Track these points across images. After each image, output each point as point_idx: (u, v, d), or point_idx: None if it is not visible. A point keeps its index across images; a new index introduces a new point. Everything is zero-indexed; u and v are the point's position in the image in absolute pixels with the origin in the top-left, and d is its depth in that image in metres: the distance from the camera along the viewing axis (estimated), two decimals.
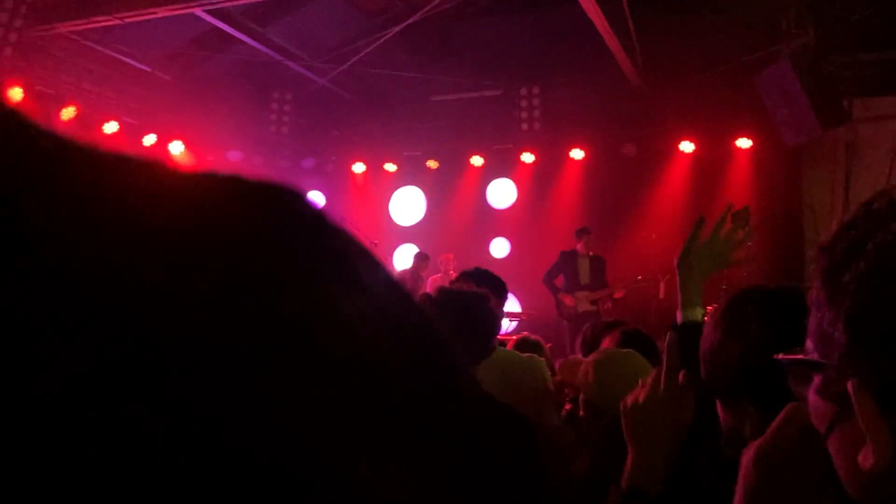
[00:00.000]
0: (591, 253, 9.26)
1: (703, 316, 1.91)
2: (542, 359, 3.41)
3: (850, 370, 0.65)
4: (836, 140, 9.10)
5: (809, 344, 0.72)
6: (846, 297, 0.65)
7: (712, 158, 10.08)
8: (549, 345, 6.13)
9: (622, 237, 10.18)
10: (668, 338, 1.67)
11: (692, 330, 1.75)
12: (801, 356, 0.75)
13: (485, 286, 2.82)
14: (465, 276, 3.63)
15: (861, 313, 0.64)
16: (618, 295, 9.06)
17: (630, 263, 9.53)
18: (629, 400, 1.63)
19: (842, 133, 8.84)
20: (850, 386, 0.65)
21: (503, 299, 3.58)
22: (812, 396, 0.73)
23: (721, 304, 1.51)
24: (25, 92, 8.78)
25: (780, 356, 0.77)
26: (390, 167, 12.13)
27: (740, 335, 1.38)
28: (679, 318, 1.96)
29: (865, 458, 0.65)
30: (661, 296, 8.97)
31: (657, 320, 8.63)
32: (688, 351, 1.72)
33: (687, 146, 10.16)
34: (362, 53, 10.37)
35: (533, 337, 4.48)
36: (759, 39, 8.84)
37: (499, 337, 5.91)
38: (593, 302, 9.01)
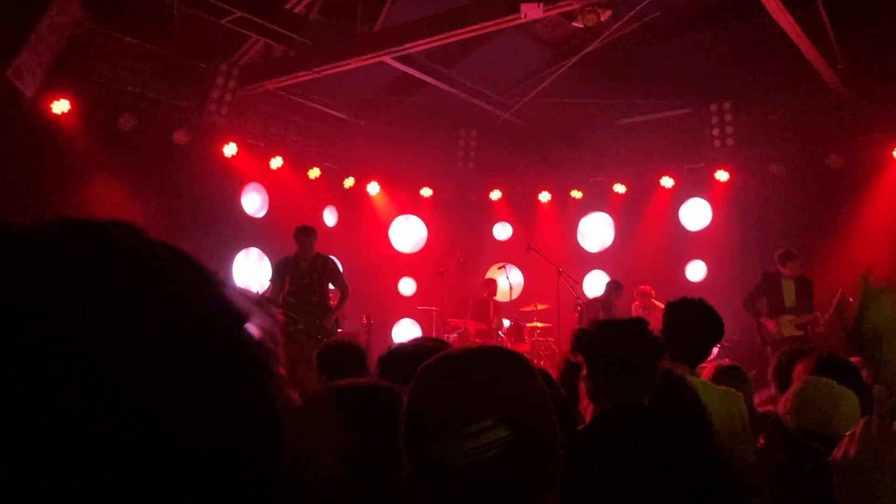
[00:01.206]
0: (796, 274, 8.61)
1: None
2: (740, 394, 3.23)
3: None
4: None
5: None
6: None
7: None
8: (752, 372, 5.78)
9: (830, 256, 9.41)
10: (875, 391, 1.53)
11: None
12: None
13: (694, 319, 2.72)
14: (677, 307, 3.45)
15: None
16: (823, 320, 8.34)
17: (839, 284, 8.78)
18: (838, 454, 1.49)
19: None
20: None
21: (715, 334, 3.39)
22: None
23: None
24: (239, 146, 9.71)
25: None
26: (576, 194, 12.09)
27: None
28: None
29: None
30: None
31: None
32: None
33: None
34: (543, 84, 10.47)
35: (731, 363, 4.24)
36: None
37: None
38: (799, 326, 8.37)
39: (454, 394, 1.19)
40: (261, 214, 10.47)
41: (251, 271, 10.02)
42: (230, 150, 9.65)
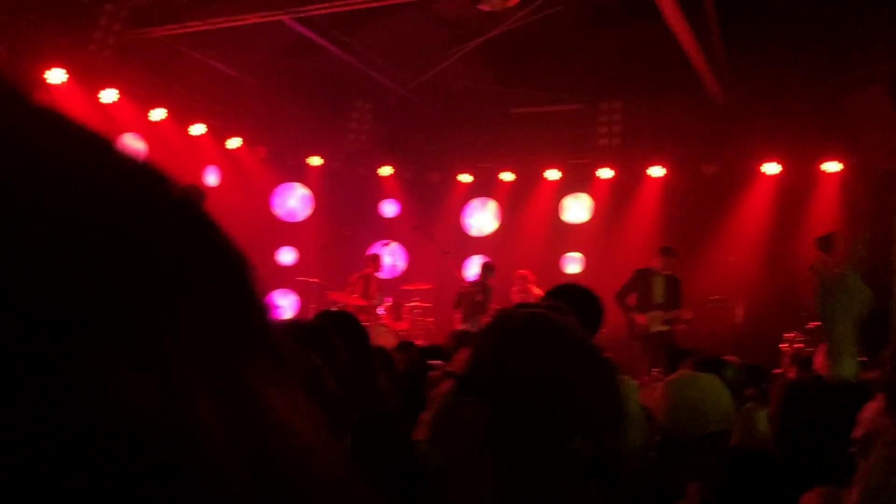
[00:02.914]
0: (666, 272, 9.03)
1: (856, 367, 1.74)
2: (634, 381, 3.31)
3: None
4: None
5: None
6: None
7: (798, 181, 9.77)
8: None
9: (699, 257, 9.93)
10: None
11: (838, 392, 1.67)
12: None
13: (574, 304, 2.67)
14: (554, 293, 3.18)
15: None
16: (687, 316, 8.79)
17: (706, 285, 9.29)
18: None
19: None
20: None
21: (597, 318, 3.23)
22: None
23: None
24: (120, 92, 9.15)
25: None
26: (465, 178, 12.17)
27: None
28: (825, 369, 1.82)
29: None
30: (740, 319, 8.71)
31: (734, 343, 8.40)
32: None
33: (771, 167, 9.87)
34: (443, 65, 10.44)
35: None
36: (850, 61, 8.54)
37: None
38: (667, 321, 8.78)
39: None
40: None
41: None
42: (109, 95, 9.08)
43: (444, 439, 1.18)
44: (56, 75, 8.45)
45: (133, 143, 9.84)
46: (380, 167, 12.37)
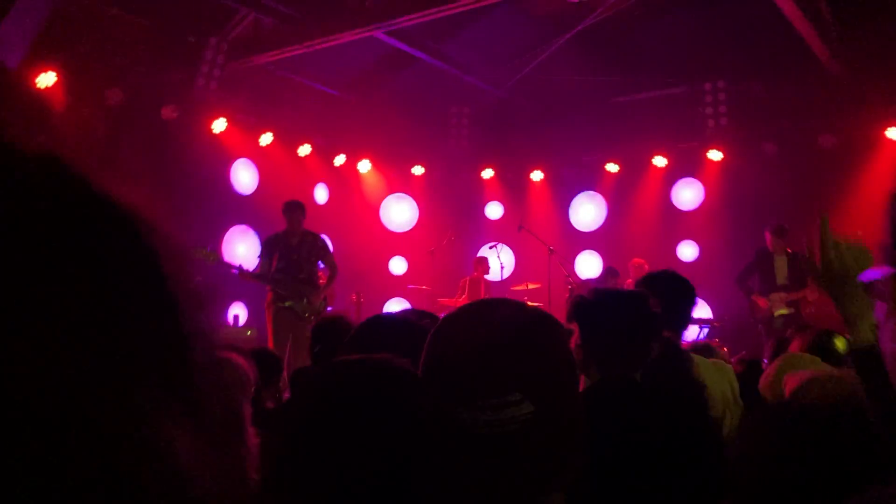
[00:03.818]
0: (789, 250, 8.58)
1: (874, 328, 1.63)
2: (728, 365, 3.21)
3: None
4: None
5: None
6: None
7: None
8: (724, 349, 5.81)
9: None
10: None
11: (867, 357, 1.57)
12: None
13: (666, 295, 2.67)
14: (647, 280, 3.33)
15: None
16: (812, 296, 8.31)
17: None
18: None
19: None
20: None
21: (689, 303, 3.28)
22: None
23: None
24: (228, 122, 9.58)
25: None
26: (569, 173, 12.02)
27: None
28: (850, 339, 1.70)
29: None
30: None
31: None
32: (869, 377, 1.56)
33: (895, 133, 9.22)
34: (537, 61, 10.37)
35: (705, 342, 4.24)
36: None
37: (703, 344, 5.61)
38: (790, 304, 8.34)
39: (483, 358, 1.09)
40: (250, 191, 10.37)
41: (242, 248, 9.93)
42: (219, 125, 9.53)
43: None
44: (169, 111, 8.94)
45: (245, 169, 10.28)
46: (482, 170, 12.41)
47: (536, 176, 12.22)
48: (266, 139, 10.28)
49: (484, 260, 10.74)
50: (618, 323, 2.39)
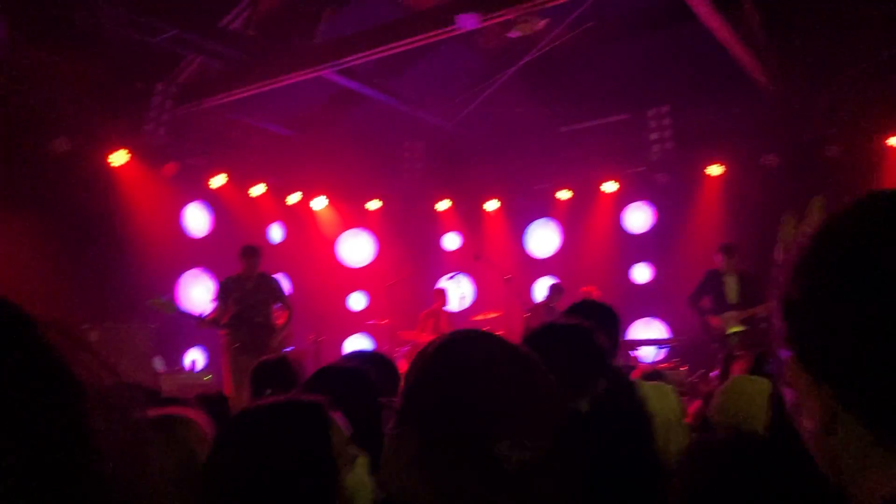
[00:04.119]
0: (738, 269, 8.77)
1: None
2: (669, 386, 3.29)
3: (787, 350, 0.79)
4: None
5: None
6: (788, 291, 0.78)
7: (862, 160, 9.40)
8: (684, 367, 5.94)
9: (771, 251, 9.62)
10: None
11: None
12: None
13: (592, 318, 2.75)
14: (572, 310, 3.38)
15: (789, 300, 0.77)
16: (764, 312, 8.50)
17: None
18: None
19: None
20: (788, 363, 0.79)
21: (614, 329, 3.33)
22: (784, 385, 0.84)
23: None
24: (179, 166, 9.55)
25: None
26: (522, 202, 12.18)
27: None
28: None
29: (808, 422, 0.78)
30: None
31: None
32: None
33: (833, 150, 9.53)
34: (485, 94, 10.55)
35: (654, 369, 4.36)
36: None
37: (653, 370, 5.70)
38: (744, 321, 8.52)
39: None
40: (204, 234, 10.31)
41: (197, 292, 9.84)
42: (170, 170, 9.49)
43: (389, 474, 1.21)
44: (119, 157, 8.88)
45: (198, 212, 10.23)
46: (437, 202, 12.51)
47: (491, 206, 12.35)
48: (218, 181, 10.25)
49: (442, 291, 10.79)
50: (561, 354, 2.44)
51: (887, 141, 9.22)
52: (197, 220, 10.25)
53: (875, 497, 0.73)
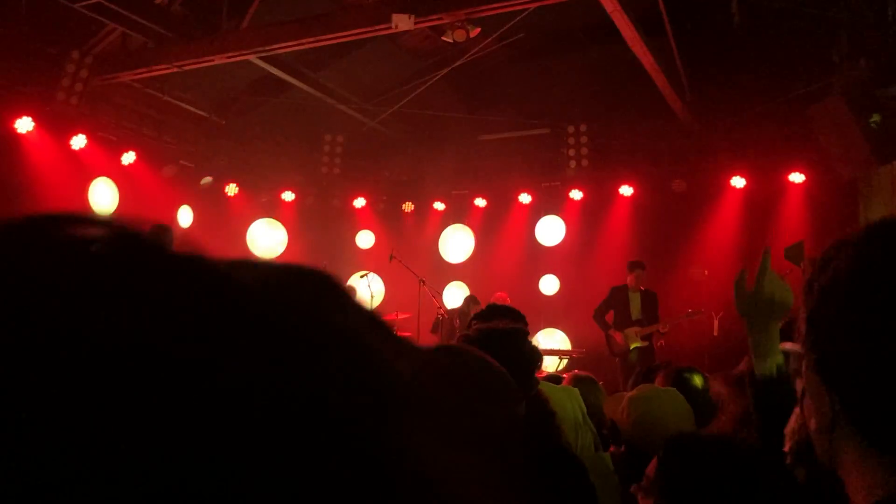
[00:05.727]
0: (642, 287, 9.14)
1: (780, 366, 1.77)
2: (576, 389, 3.40)
3: (808, 352, 0.91)
4: (894, 173, 8.91)
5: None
6: (810, 302, 0.90)
7: (764, 193, 9.95)
8: (601, 381, 6.08)
9: (673, 273, 10.06)
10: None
11: (768, 386, 1.72)
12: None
13: (507, 320, 2.79)
14: (490, 311, 3.34)
15: (814, 313, 0.90)
16: (663, 329, 8.92)
17: (681, 299, 9.42)
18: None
19: None
20: (804, 365, 0.91)
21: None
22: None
23: None
24: (88, 138, 9.16)
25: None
26: (439, 206, 12.25)
27: None
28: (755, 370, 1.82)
29: (810, 418, 0.91)
30: (715, 333, 8.83)
31: (710, 357, 8.50)
32: (764, 409, 1.72)
33: (738, 181, 10.04)
34: (411, 95, 10.57)
35: (584, 373, 4.45)
36: (810, 73, 8.77)
37: (554, 374, 5.83)
38: (644, 337, 8.88)
39: None
40: (110, 212, 9.92)
41: None
42: (79, 142, 9.09)
43: None
44: (24, 124, 8.45)
45: (105, 188, 9.85)
46: (354, 199, 12.44)
47: (408, 207, 12.37)
48: (129, 158, 9.89)
49: (353, 289, 10.72)
50: (508, 361, 2.48)
51: (788, 177, 9.77)
52: (104, 196, 9.85)
53: (869, 499, 0.83)
